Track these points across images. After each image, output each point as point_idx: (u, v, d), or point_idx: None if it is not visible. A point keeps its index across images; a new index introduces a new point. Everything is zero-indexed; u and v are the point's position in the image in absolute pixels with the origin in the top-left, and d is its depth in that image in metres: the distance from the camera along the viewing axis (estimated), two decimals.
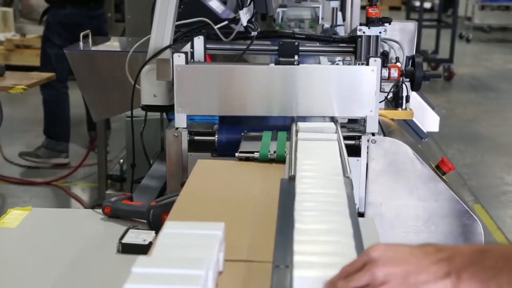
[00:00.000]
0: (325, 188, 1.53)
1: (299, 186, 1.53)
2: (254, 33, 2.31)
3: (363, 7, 3.51)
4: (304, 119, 2.14)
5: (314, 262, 1.15)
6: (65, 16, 5.27)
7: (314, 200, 1.44)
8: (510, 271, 1.03)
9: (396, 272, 1.06)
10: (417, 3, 11.91)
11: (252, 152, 1.95)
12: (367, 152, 2.12)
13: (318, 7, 4.55)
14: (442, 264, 1.06)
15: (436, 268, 1.06)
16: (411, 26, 2.77)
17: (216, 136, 2.17)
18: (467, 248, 1.09)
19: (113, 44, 3.81)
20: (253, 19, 2.31)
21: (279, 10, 4.27)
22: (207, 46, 2.38)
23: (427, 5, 15.68)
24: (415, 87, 2.31)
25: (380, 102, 2.22)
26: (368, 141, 2.11)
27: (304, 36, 2.44)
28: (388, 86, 2.37)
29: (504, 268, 1.04)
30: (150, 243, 1.65)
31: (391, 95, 2.45)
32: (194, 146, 2.17)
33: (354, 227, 1.32)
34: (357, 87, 2.10)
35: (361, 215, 2.13)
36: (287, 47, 2.27)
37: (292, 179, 1.61)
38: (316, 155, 1.78)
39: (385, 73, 2.23)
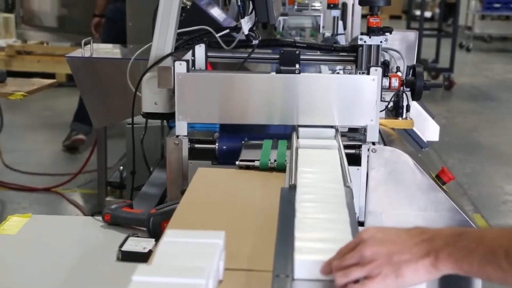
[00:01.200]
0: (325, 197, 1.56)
1: (299, 190, 1.57)
2: (255, 42, 2.31)
3: (364, 16, 3.52)
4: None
5: (313, 247, 1.27)
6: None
7: (314, 193, 1.56)
8: (480, 252, 1.16)
9: (382, 252, 1.19)
10: (418, 12, 11.93)
11: (253, 161, 1.95)
12: (368, 161, 2.12)
13: (319, 15, 4.56)
14: (423, 244, 1.20)
15: (417, 249, 1.19)
16: (412, 35, 2.77)
17: (217, 144, 2.17)
18: (446, 231, 1.22)
19: (114, 51, 3.81)
20: (254, 28, 2.32)
21: (280, 18, 4.28)
22: (209, 54, 2.38)
23: (428, 14, 15.72)
24: (415, 96, 2.31)
25: (380, 111, 2.22)
26: (368, 150, 2.12)
27: (305, 45, 2.45)
28: (388, 96, 2.37)
29: (475, 249, 1.16)
30: (150, 251, 1.65)
31: (391, 104, 2.45)
32: (195, 154, 2.17)
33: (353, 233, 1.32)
34: (358, 96, 2.10)
35: (361, 224, 2.13)
36: (288, 55, 2.27)
37: (292, 188, 1.61)
38: (316, 164, 1.79)
39: (385, 82, 2.23)
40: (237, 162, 1.96)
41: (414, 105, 2.67)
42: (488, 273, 1.17)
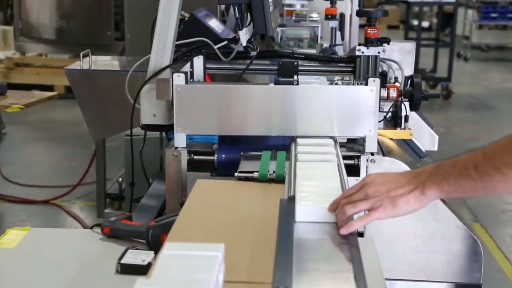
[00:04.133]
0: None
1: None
2: (253, 53, 2.32)
3: (361, 26, 3.53)
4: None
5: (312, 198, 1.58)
6: None
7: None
8: (455, 171, 1.46)
9: (382, 189, 1.51)
10: (415, 22, 11.96)
11: (252, 172, 1.95)
12: (366, 172, 2.12)
13: (317, 26, 4.57)
14: (412, 180, 1.51)
15: (408, 184, 1.51)
16: (410, 46, 2.78)
17: (216, 155, 2.17)
18: (428, 167, 1.53)
19: (113, 63, 3.81)
20: (252, 39, 2.32)
21: (278, 29, 4.29)
22: (207, 65, 2.39)
23: (425, 24, 15.74)
24: (414, 107, 2.32)
25: (379, 121, 2.22)
26: (367, 160, 2.11)
27: (303, 56, 2.45)
28: (387, 106, 2.37)
29: (451, 170, 1.47)
30: (149, 264, 1.65)
31: (390, 114, 2.45)
32: (194, 166, 2.17)
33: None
34: (356, 107, 2.11)
35: (361, 234, 2.12)
36: (287, 66, 2.27)
37: (291, 199, 1.61)
38: (315, 176, 1.79)
39: (384, 93, 2.24)
40: (236, 174, 1.96)
41: (413, 115, 2.67)
42: (462, 186, 1.46)
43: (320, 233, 1.50)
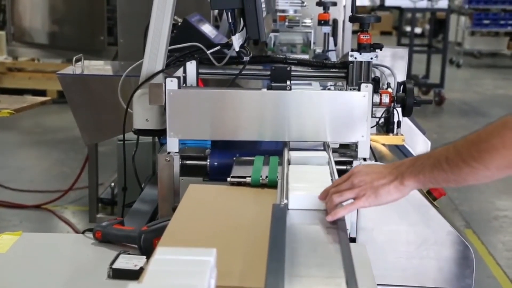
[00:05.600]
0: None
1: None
2: (246, 58, 2.32)
3: (354, 32, 3.54)
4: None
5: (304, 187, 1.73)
6: None
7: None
8: (430, 163, 1.58)
9: (366, 180, 1.64)
10: (408, 28, 12.01)
11: (244, 177, 1.95)
12: None
13: (310, 32, 4.58)
14: (393, 171, 1.63)
15: (389, 175, 1.62)
16: (402, 52, 2.79)
17: (208, 160, 2.17)
18: (408, 159, 1.67)
19: (106, 68, 3.81)
20: (245, 44, 2.33)
21: (271, 35, 4.30)
22: (200, 70, 2.39)
23: (418, 30, 15.81)
24: (406, 113, 2.32)
25: (371, 127, 2.23)
26: None
27: (296, 61, 2.46)
28: (379, 112, 2.38)
29: (426, 164, 1.58)
30: (141, 268, 1.64)
31: (382, 120, 2.46)
32: (186, 171, 2.16)
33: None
34: (349, 112, 2.11)
35: (353, 240, 2.13)
36: (279, 72, 2.28)
37: (284, 206, 1.61)
38: (307, 180, 1.79)
39: (376, 98, 2.24)
40: (228, 179, 1.96)
41: (405, 121, 2.68)
42: (436, 177, 1.58)
43: (312, 232, 1.52)
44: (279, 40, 4.79)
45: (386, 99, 2.27)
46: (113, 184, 4.88)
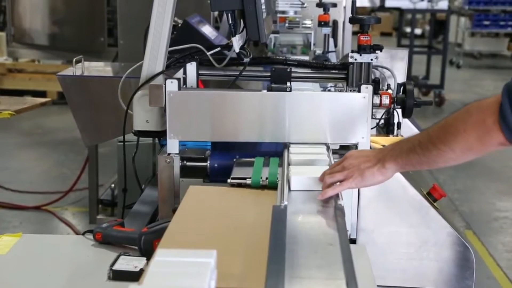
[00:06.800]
0: None
1: None
2: (246, 59, 2.32)
3: (354, 33, 3.54)
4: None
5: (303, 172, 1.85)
6: None
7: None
8: (406, 147, 1.72)
9: (355, 163, 1.78)
10: (408, 29, 12.01)
11: (244, 178, 1.95)
12: None
13: (310, 33, 4.57)
14: (378, 155, 1.78)
15: (374, 158, 1.77)
16: (403, 53, 2.79)
17: (208, 162, 2.17)
18: (392, 143, 1.80)
19: (106, 69, 3.81)
20: (245, 46, 2.33)
21: (272, 36, 4.29)
22: (200, 72, 2.39)
23: (418, 31, 15.80)
24: (406, 114, 2.32)
25: (371, 128, 2.23)
26: None
27: (296, 63, 2.46)
28: (379, 113, 2.38)
29: (404, 147, 1.73)
30: (141, 270, 1.64)
31: (382, 121, 2.46)
32: (186, 172, 2.16)
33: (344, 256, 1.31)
34: (349, 113, 2.11)
35: (353, 241, 2.13)
36: (280, 73, 2.28)
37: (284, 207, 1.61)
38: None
39: (376, 100, 2.24)
40: (228, 180, 1.96)
41: (405, 122, 2.68)
42: (411, 160, 1.71)
43: (312, 234, 1.50)
44: (279, 41, 4.79)
45: (386, 100, 2.27)
46: (113, 185, 4.87)
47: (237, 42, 2.23)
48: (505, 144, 1.59)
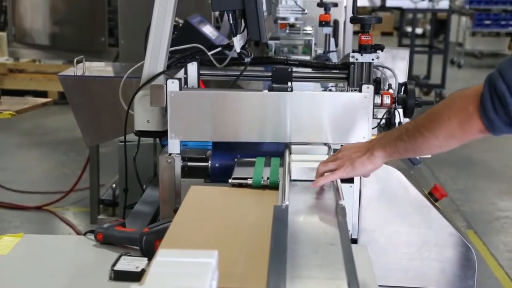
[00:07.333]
0: None
1: None
2: (247, 59, 2.32)
3: (355, 33, 3.54)
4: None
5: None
6: None
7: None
8: (394, 135, 1.78)
9: (347, 153, 1.85)
10: (409, 29, 11.99)
11: (246, 179, 1.95)
12: (360, 179, 2.12)
13: (311, 39, 4.54)
14: (368, 145, 1.85)
15: (364, 148, 1.84)
16: (404, 53, 2.79)
17: (209, 162, 2.17)
18: (382, 133, 1.87)
19: (107, 70, 3.81)
20: (246, 45, 2.32)
21: (272, 42, 4.25)
22: (201, 72, 2.39)
23: (419, 30, 15.80)
24: (407, 114, 2.32)
25: (372, 128, 2.23)
26: None
27: (297, 62, 2.45)
28: (380, 113, 2.38)
29: (392, 136, 1.80)
30: (143, 270, 1.64)
31: (383, 121, 2.45)
32: (187, 172, 2.16)
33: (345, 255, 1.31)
34: (350, 113, 2.11)
35: (354, 241, 2.13)
36: (281, 73, 2.27)
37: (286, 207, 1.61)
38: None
39: (377, 99, 2.24)
40: (230, 180, 1.96)
41: (406, 122, 2.68)
42: (398, 148, 1.77)
43: (313, 234, 1.50)
44: (280, 40, 4.77)
45: (387, 100, 2.26)
46: (114, 185, 4.87)
47: (238, 42, 2.23)
48: (484, 132, 1.66)
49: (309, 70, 2.48)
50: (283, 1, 5.05)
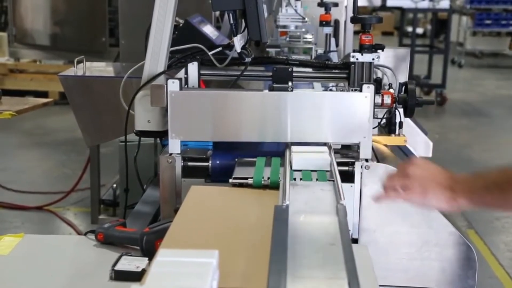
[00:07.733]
0: None
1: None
2: (248, 59, 2.32)
3: (356, 33, 3.54)
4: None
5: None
6: None
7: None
8: (482, 186, 1.57)
9: (420, 174, 1.62)
10: (410, 29, 12.00)
11: (246, 178, 1.95)
12: (361, 178, 2.12)
13: (311, 48, 4.52)
14: (449, 181, 1.60)
15: (445, 183, 1.60)
16: (404, 52, 2.79)
17: (210, 162, 2.17)
18: (465, 174, 1.63)
19: (107, 70, 3.81)
20: (247, 45, 2.33)
21: (273, 50, 4.24)
22: (201, 72, 2.39)
23: (419, 30, 15.80)
24: (408, 113, 2.32)
25: (373, 128, 2.23)
26: (361, 167, 2.11)
27: (297, 62, 2.45)
28: (381, 112, 2.38)
29: (477, 185, 1.58)
30: (143, 270, 1.64)
31: (384, 121, 2.45)
32: (188, 172, 2.16)
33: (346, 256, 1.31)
34: (351, 113, 2.11)
35: (355, 241, 2.12)
36: (281, 73, 2.28)
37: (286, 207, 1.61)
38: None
39: (378, 99, 2.24)
40: (230, 180, 1.96)
41: (407, 121, 2.68)
42: (485, 200, 1.57)
43: (314, 234, 1.50)
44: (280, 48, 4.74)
45: (388, 100, 2.27)
46: (115, 185, 4.88)
47: (238, 42, 2.23)
48: None
49: (310, 70, 2.48)
50: (283, 9, 5.04)
